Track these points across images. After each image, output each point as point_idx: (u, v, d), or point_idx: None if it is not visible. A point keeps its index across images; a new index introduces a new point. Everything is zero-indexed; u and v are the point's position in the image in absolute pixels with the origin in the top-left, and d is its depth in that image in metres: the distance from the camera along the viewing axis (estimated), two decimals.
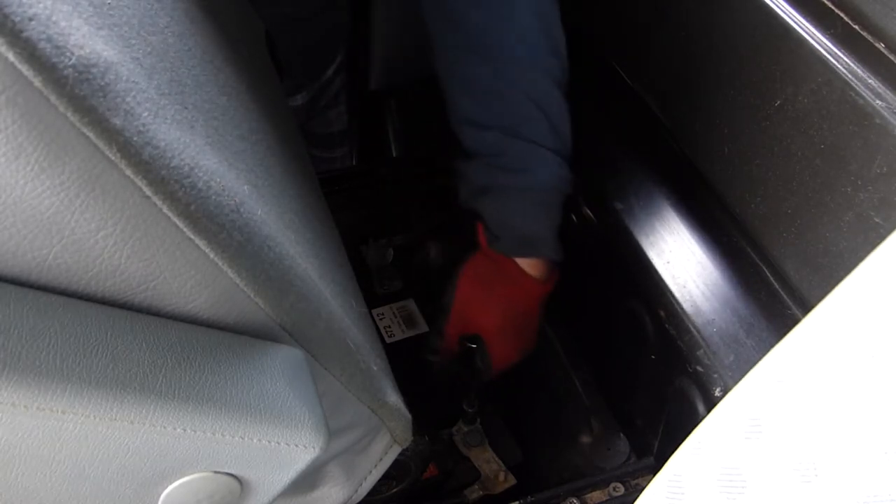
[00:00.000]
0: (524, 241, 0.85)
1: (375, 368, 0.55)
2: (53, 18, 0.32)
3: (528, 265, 0.86)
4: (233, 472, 0.43)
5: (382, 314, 1.06)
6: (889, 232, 0.41)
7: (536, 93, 0.80)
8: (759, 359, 0.37)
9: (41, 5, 0.31)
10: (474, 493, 0.89)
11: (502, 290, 0.87)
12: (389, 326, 1.05)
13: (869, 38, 0.59)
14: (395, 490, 0.72)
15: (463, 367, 0.90)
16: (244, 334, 0.44)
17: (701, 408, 0.75)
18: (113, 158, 0.34)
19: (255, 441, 0.42)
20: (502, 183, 0.82)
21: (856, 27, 0.60)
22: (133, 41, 0.38)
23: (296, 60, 1.12)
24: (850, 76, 0.59)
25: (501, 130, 0.80)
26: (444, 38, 0.80)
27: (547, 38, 0.80)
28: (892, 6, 0.59)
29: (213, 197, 0.38)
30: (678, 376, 0.77)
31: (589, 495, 0.81)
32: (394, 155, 1.25)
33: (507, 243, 0.85)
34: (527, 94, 0.79)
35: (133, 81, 0.35)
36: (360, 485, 0.59)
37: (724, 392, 0.72)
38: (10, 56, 0.30)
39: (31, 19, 0.31)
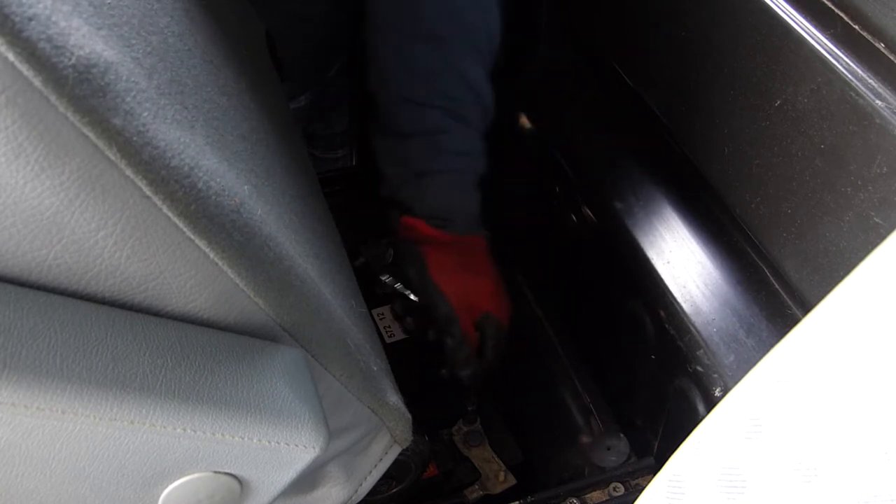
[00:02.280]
0: (472, 221, 0.90)
1: (375, 368, 0.55)
2: (53, 18, 0.32)
3: (477, 236, 0.92)
4: (233, 472, 0.43)
5: (382, 314, 1.06)
6: (889, 232, 0.41)
7: (472, 77, 0.83)
8: (759, 359, 0.37)
9: (41, 5, 0.31)
10: (474, 493, 0.89)
11: (474, 266, 0.91)
12: (389, 326, 1.05)
13: (869, 38, 0.59)
14: (395, 490, 0.72)
15: (489, 351, 0.91)
16: (244, 334, 0.44)
17: (701, 408, 0.75)
18: (113, 158, 0.34)
19: (255, 441, 0.42)
20: (446, 166, 0.85)
21: (856, 27, 0.60)
22: (133, 41, 0.38)
23: (299, 62, 1.12)
24: (850, 76, 0.59)
25: (443, 110, 0.82)
26: (386, 16, 0.81)
27: (484, 23, 0.84)
28: (892, 6, 0.59)
29: (213, 197, 0.38)
30: (678, 376, 0.77)
31: (589, 495, 0.81)
32: None
33: (459, 225, 0.89)
34: (463, 77, 0.83)
35: (133, 81, 0.35)
36: (360, 485, 0.59)
37: (724, 392, 0.72)
38: (10, 56, 0.30)
39: (31, 19, 0.31)
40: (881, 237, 0.53)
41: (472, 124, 0.84)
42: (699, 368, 0.73)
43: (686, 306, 0.76)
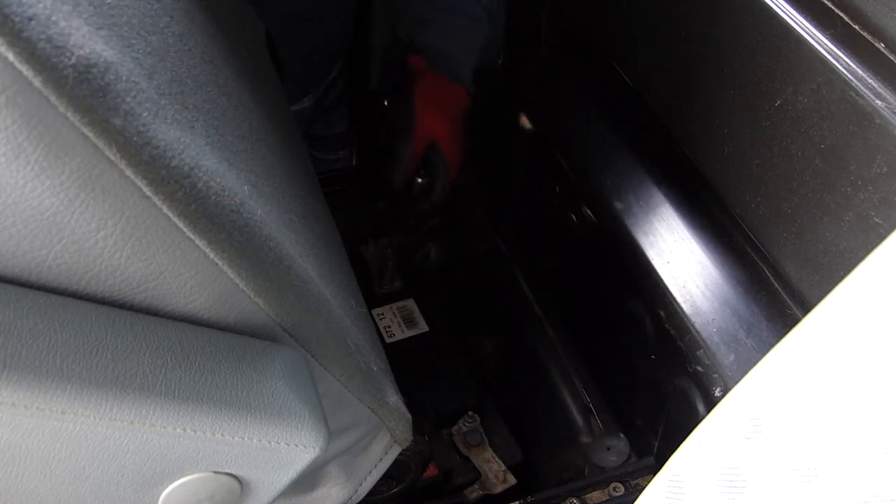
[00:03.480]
0: (461, 69, 1.02)
1: (375, 368, 0.55)
2: (53, 18, 0.32)
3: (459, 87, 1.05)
4: (233, 472, 0.43)
5: (382, 314, 1.07)
6: (889, 232, 0.41)
7: None
8: (759, 359, 0.37)
9: (41, 5, 0.31)
10: (474, 493, 0.89)
11: (448, 102, 1.05)
12: (389, 326, 1.05)
13: (869, 38, 0.59)
14: (395, 490, 0.72)
15: (428, 170, 1.06)
16: (244, 334, 0.44)
17: (701, 408, 0.75)
18: (113, 158, 0.34)
19: (255, 441, 0.42)
20: (445, 20, 1.00)
21: (856, 27, 0.60)
22: (133, 41, 0.38)
23: (299, 62, 1.12)
24: (850, 76, 0.59)
25: None
26: None
27: None
28: (892, 6, 0.59)
29: (213, 197, 0.38)
30: (678, 376, 0.77)
31: (589, 495, 0.81)
32: None
33: (450, 68, 1.03)
34: None
35: (133, 81, 0.35)
36: (360, 485, 0.59)
37: (724, 392, 0.72)
38: (10, 56, 0.30)
39: (31, 19, 0.31)
40: (881, 237, 0.53)
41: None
42: (699, 368, 0.73)
43: (686, 306, 0.76)
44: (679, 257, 0.79)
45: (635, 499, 0.41)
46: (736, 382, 0.38)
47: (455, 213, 1.17)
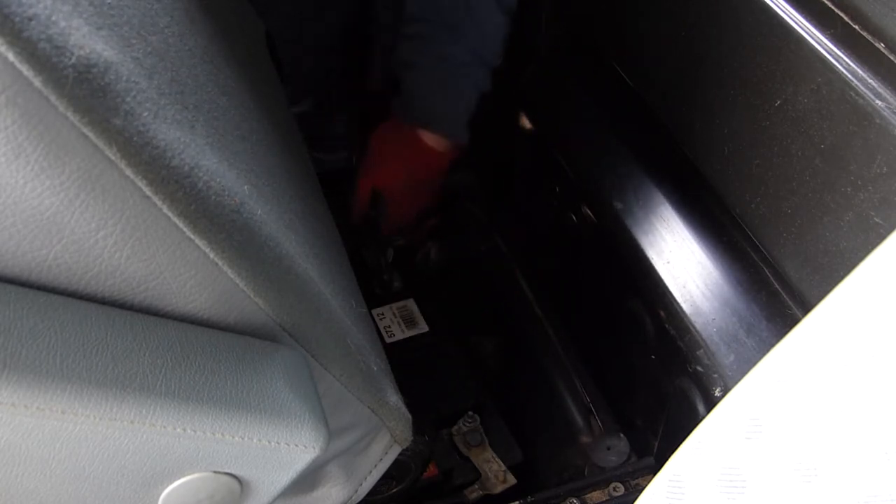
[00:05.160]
0: (430, 115, 0.97)
1: (375, 368, 0.55)
2: (53, 18, 0.32)
3: (433, 139, 0.98)
4: (233, 472, 0.43)
5: (382, 314, 1.06)
6: (889, 232, 0.41)
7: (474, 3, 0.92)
8: (759, 359, 0.37)
9: (41, 5, 0.31)
10: (474, 493, 0.89)
11: (404, 152, 0.99)
12: (389, 326, 1.05)
13: (869, 38, 0.59)
14: (395, 490, 0.72)
15: (371, 217, 1.04)
16: (244, 334, 0.44)
17: (701, 408, 0.75)
18: (113, 158, 0.34)
19: (255, 441, 0.42)
20: (419, 61, 0.95)
21: (856, 27, 0.60)
22: (133, 41, 0.38)
23: (299, 63, 1.12)
24: (850, 76, 0.59)
25: (432, 23, 0.93)
26: None
27: None
28: (892, 6, 0.59)
29: (213, 197, 0.38)
30: (678, 376, 0.77)
31: (589, 495, 0.81)
32: None
33: (414, 114, 0.97)
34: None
35: (133, 81, 0.35)
36: (360, 485, 0.59)
37: (724, 392, 0.72)
38: (10, 56, 0.30)
39: (31, 19, 0.31)
40: (881, 237, 0.53)
41: (461, 40, 0.94)
42: (699, 368, 0.73)
43: (686, 306, 0.76)
44: (679, 257, 0.79)
45: (635, 499, 0.41)
46: (736, 382, 0.38)
47: (455, 213, 1.17)
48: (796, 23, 0.63)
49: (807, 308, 0.70)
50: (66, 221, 0.35)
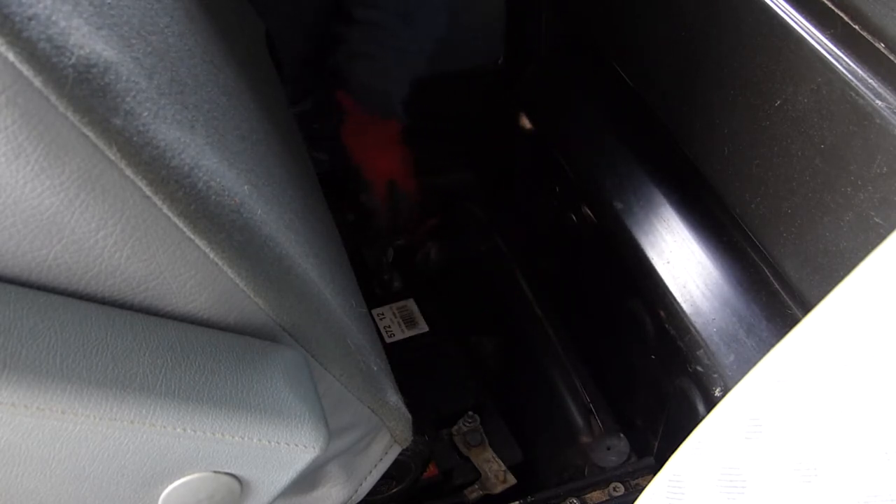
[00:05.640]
0: (390, 105, 1.00)
1: (375, 368, 0.55)
2: (53, 18, 0.32)
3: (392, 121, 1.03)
4: (233, 472, 0.43)
5: (382, 314, 1.06)
6: (889, 232, 0.41)
7: None
8: (759, 359, 0.37)
9: (41, 5, 0.31)
10: (474, 493, 0.89)
11: (385, 144, 1.03)
12: (389, 326, 1.05)
13: (869, 38, 0.59)
14: (395, 490, 0.72)
15: (395, 206, 1.08)
16: (244, 334, 0.44)
17: (701, 408, 0.75)
18: (113, 158, 0.34)
19: (255, 441, 0.42)
20: (379, 54, 0.97)
21: (856, 27, 0.60)
22: (133, 41, 0.38)
23: (301, 64, 1.12)
24: (850, 76, 0.59)
25: (391, 12, 0.95)
26: None
27: None
28: (892, 6, 0.59)
29: (213, 197, 0.38)
30: (678, 376, 0.77)
31: (589, 495, 0.81)
32: None
33: (379, 108, 1.00)
34: None
35: (133, 81, 0.35)
36: (360, 485, 0.59)
37: (724, 392, 0.71)
38: (10, 56, 0.30)
39: (31, 19, 0.31)
40: (881, 237, 0.53)
41: (418, 26, 0.96)
42: (699, 368, 0.73)
43: (686, 306, 0.76)
44: (679, 257, 0.79)
45: (635, 499, 0.41)
46: (736, 382, 0.37)
47: (455, 213, 1.17)
48: (796, 23, 0.63)
49: (807, 308, 0.69)
50: (66, 221, 0.35)
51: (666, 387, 0.80)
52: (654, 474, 0.52)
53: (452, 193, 1.15)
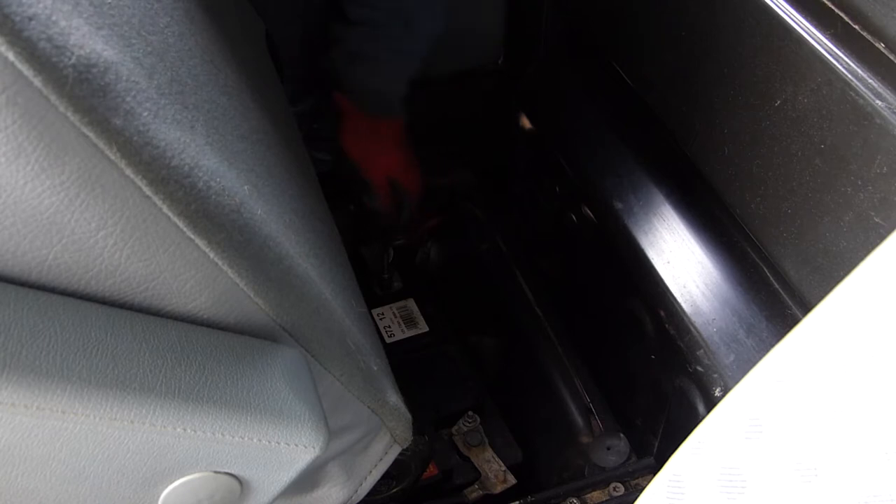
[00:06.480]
0: (392, 106, 0.99)
1: (375, 368, 0.55)
2: (53, 18, 0.32)
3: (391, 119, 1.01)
4: (233, 472, 0.43)
5: (382, 314, 1.07)
6: (889, 232, 0.41)
7: None
8: (759, 359, 0.37)
9: (41, 5, 0.31)
10: (474, 492, 0.89)
11: (386, 144, 1.02)
12: (389, 326, 1.05)
13: (869, 38, 0.59)
14: (395, 490, 0.72)
15: (398, 203, 1.06)
16: (244, 334, 0.44)
17: (701, 408, 0.75)
18: (113, 158, 0.34)
19: (255, 441, 0.42)
20: (377, 55, 0.96)
21: (856, 27, 0.60)
22: (133, 41, 0.38)
23: (301, 64, 1.13)
24: (850, 76, 0.59)
25: (387, 12, 0.94)
26: None
27: None
28: (892, 6, 0.59)
29: (213, 197, 0.38)
30: (678, 376, 0.77)
31: (589, 495, 0.81)
32: None
33: (379, 107, 0.99)
34: None
35: (133, 81, 0.35)
36: (360, 485, 0.59)
37: (724, 392, 0.71)
38: (10, 56, 0.30)
39: (31, 19, 0.31)
40: (881, 237, 0.53)
41: (416, 26, 0.95)
42: (699, 368, 0.73)
43: (686, 306, 0.76)
44: (679, 257, 0.79)
45: (635, 499, 0.41)
46: (736, 382, 0.37)
47: (455, 213, 1.17)
48: (796, 23, 0.63)
49: (807, 308, 0.70)
50: (66, 221, 0.35)
51: (666, 387, 0.80)
52: (654, 474, 0.52)
53: (452, 193, 1.15)
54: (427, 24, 0.97)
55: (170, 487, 0.43)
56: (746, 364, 0.71)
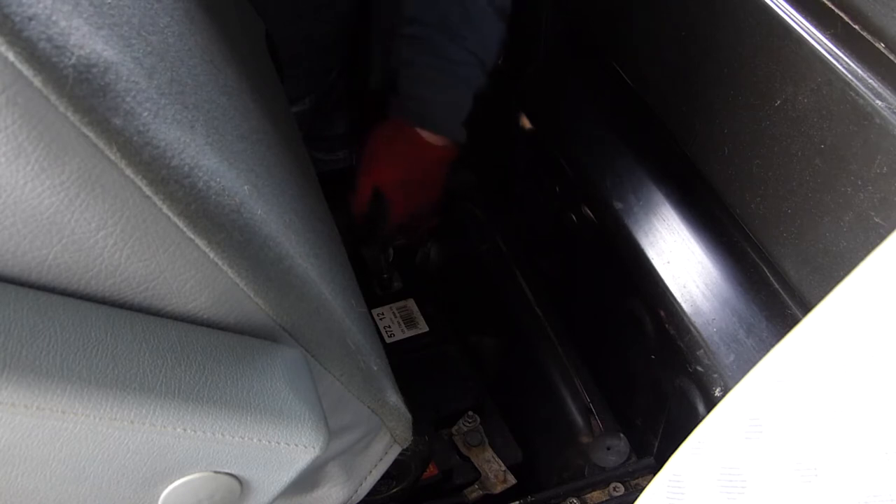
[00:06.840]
0: (426, 114, 0.98)
1: (375, 368, 0.55)
2: (53, 18, 0.32)
3: (430, 137, 0.99)
4: (233, 472, 0.43)
5: (382, 314, 1.07)
6: (889, 232, 0.41)
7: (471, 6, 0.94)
8: (759, 359, 0.37)
9: (41, 5, 0.31)
10: (474, 492, 0.89)
11: (402, 150, 1.00)
12: (389, 326, 1.05)
13: (869, 38, 0.59)
14: (395, 490, 0.72)
15: (372, 215, 1.04)
16: (244, 334, 0.44)
17: (701, 408, 0.75)
18: (113, 158, 0.34)
19: (255, 441, 0.42)
20: (416, 60, 0.96)
21: (856, 27, 0.60)
22: (133, 41, 0.38)
23: (301, 64, 1.12)
24: (850, 76, 0.59)
25: (433, 27, 0.95)
26: None
27: None
28: (892, 6, 0.59)
29: (213, 197, 0.38)
30: (678, 376, 0.77)
31: (589, 495, 0.81)
32: None
33: (411, 113, 0.98)
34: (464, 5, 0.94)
35: (133, 81, 0.35)
36: (360, 485, 0.59)
37: (724, 392, 0.71)
38: (10, 56, 0.30)
39: (31, 19, 0.31)
40: (881, 237, 0.53)
41: (458, 40, 0.95)
42: (699, 368, 0.73)
43: (686, 306, 0.76)
44: (679, 257, 0.79)
45: (635, 499, 0.41)
46: (736, 382, 0.37)
47: (455, 213, 1.17)
48: (796, 23, 0.63)
49: (807, 308, 0.70)
50: (66, 221, 0.35)
51: (666, 387, 0.80)
52: (654, 474, 0.52)
53: (452, 193, 1.15)
54: (481, 33, 0.97)
55: (170, 487, 0.43)
56: (746, 364, 0.71)
